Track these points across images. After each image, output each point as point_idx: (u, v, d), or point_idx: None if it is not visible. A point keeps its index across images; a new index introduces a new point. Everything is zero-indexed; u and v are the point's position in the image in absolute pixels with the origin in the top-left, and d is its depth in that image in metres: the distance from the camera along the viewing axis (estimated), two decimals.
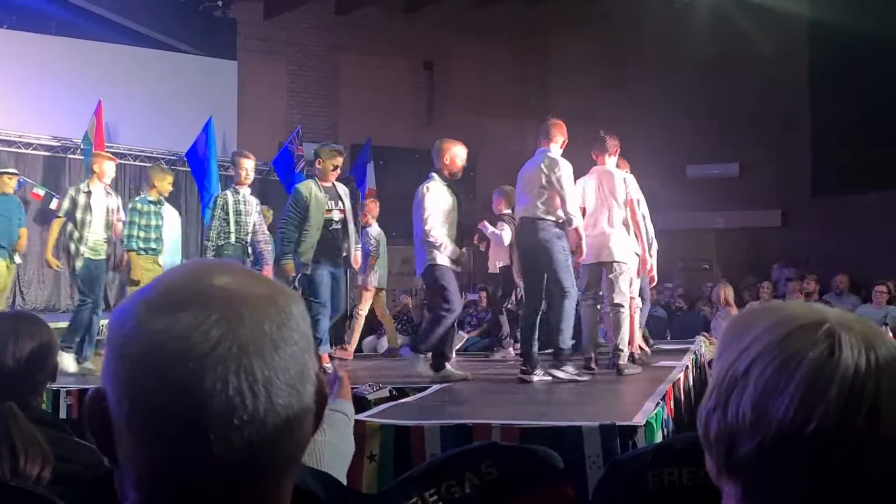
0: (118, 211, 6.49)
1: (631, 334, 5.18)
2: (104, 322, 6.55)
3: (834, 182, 12.13)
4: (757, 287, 10.18)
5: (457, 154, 5.33)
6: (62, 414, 4.49)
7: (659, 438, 3.08)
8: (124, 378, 0.64)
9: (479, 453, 1.78)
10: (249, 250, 6.25)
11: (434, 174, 5.28)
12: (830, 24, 11.69)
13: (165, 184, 6.64)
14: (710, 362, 6.85)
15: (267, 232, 6.49)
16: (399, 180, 10.80)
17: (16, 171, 7.17)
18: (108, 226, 6.36)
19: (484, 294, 9.88)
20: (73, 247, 6.20)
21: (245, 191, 6.25)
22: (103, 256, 6.38)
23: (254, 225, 6.22)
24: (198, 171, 10.69)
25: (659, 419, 3.20)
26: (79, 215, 6.23)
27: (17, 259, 7.26)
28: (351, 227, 5.89)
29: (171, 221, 7.70)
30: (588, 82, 13.30)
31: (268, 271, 6.08)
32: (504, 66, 14.04)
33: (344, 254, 5.78)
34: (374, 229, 7.98)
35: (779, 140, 12.70)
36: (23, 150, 10.60)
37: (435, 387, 4.42)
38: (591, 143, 5.50)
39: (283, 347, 0.65)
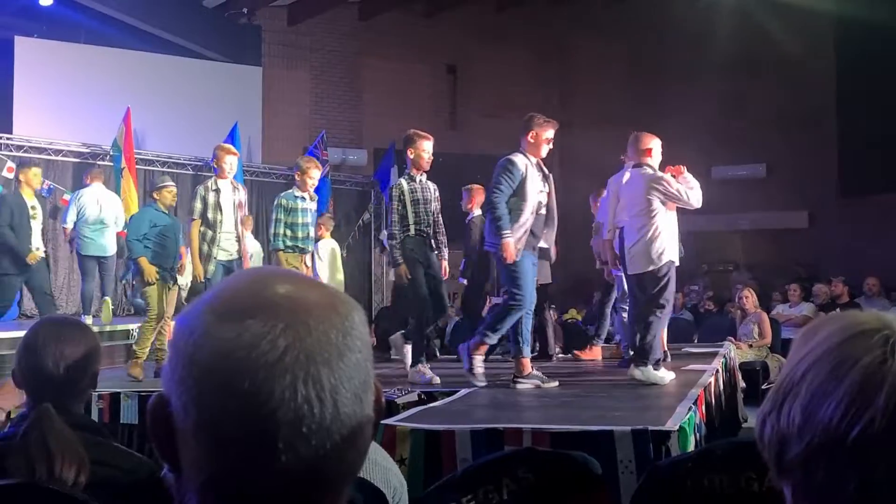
0: (244, 206, 6.12)
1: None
2: None
3: (861, 182, 11.97)
4: (784, 289, 10.06)
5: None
6: (93, 418, 4.54)
7: (692, 444, 3.06)
8: (191, 385, 0.64)
9: (517, 459, 1.79)
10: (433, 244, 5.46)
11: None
12: (857, 21, 11.54)
13: (312, 171, 5.95)
14: (738, 366, 6.80)
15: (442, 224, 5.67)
16: None
17: (173, 185, 6.67)
18: (238, 223, 5.95)
19: None
20: (205, 249, 5.78)
21: (421, 177, 5.49)
22: (235, 256, 5.94)
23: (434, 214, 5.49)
24: None
25: (692, 424, 3.18)
26: (210, 215, 5.79)
27: (181, 280, 6.75)
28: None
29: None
30: (610, 85, 13.26)
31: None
32: (526, 70, 14.03)
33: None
34: None
35: (805, 140, 12.55)
36: (53, 157, 10.76)
37: (463, 391, 4.42)
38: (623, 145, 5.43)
39: (348, 356, 0.65)
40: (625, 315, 5.83)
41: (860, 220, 11.92)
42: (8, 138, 10.28)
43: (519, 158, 4.95)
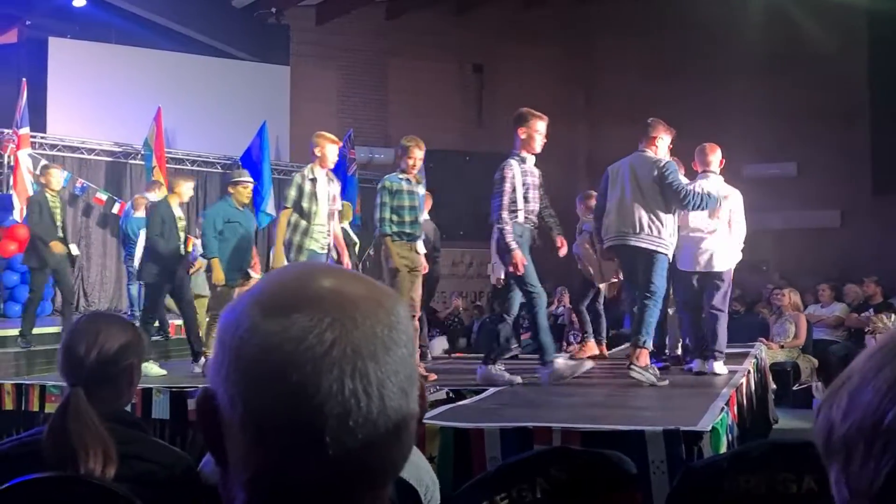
0: (337, 199, 5.82)
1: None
2: None
3: (895, 181, 11.76)
4: (816, 289, 9.92)
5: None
6: None
7: (724, 444, 3.03)
8: (239, 380, 0.64)
9: (550, 458, 1.78)
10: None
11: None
12: (891, 17, 11.33)
13: (415, 150, 5.46)
14: (770, 367, 6.72)
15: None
16: (449, 182, 10.83)
17: (251, 180, 6.50)
18: (331, 215, 5.67)
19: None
20: (297, 240, 5.51)
21: (530, 159, 5.21)
22: (327, 250, 5.69)
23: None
24: (252, 174, 10.86)
25: (724, 425, 3.15)
26: (305, 205, 5.51)
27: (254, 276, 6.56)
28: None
29: None
30: (637, 83, 13.15)
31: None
32: (553, 68, 13.98)
33: None
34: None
35: (837, 138, 12.37)
36: (86, 156, 10.94)
37: (492, 389, 4.42)
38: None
39: (394, 350, 0.66)
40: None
41: (893, 219, 11.72)
42: (42, 137, 10.46)
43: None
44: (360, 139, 12.41)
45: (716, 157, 5.60)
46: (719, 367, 5.05)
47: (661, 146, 5.10)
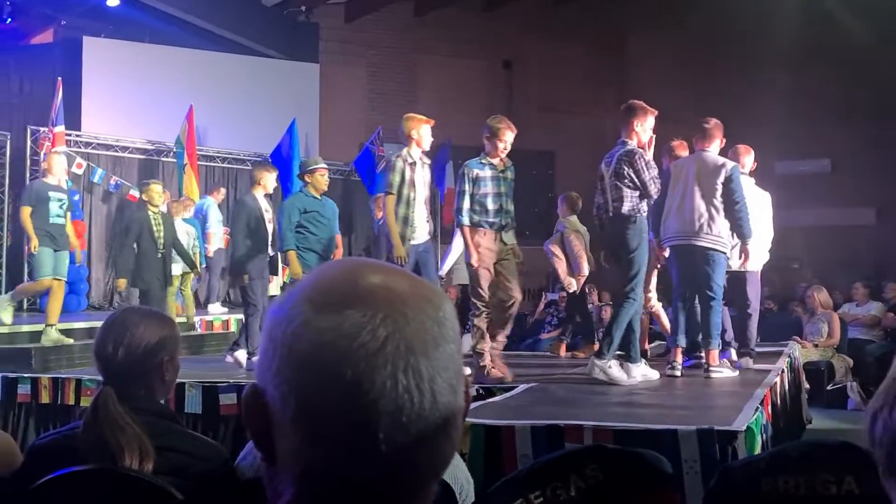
0: (428, 185, 5.42)
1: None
2: None
3: None
4: (849, 288, 9.76)
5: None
6: None
7: (759, 444, 2.99)
8: (291, 376, 0.64)
9: (585, 456, 1.76)
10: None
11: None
12: None
13: (506, 133, 5.11)
14: (804, 366, 6.62)
15: None
16: None
17: (326, 167, 6.14)
18: (426, 202, 5.33)
19: (564, 294, 9.77)
20: (398, 230, 5.14)
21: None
22: (427, 238, 5.33)
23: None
24: (282, 171, 10.94)
25: (758, 424, 3.11)
26: (405, 191, 5.12)
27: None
28: None
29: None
30: (668, 79, 13.01)
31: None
32: (582, 65, 13.89)
33: None
34: None
35: (873, 134, 12.15)
36: (119, 154, 11.10)
37: (522, 386, 4.41)
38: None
39: (443, 345, 0.66)
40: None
41: None
42: (77, 135, 10.63)
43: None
44: (388, 136, 12.41)
45: (749, 158, 5.70)
46: (747, 362, 5.22)
47: (715, 148, 5.11)
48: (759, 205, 5.46)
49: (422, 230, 5.20)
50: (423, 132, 5.19)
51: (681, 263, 4.98)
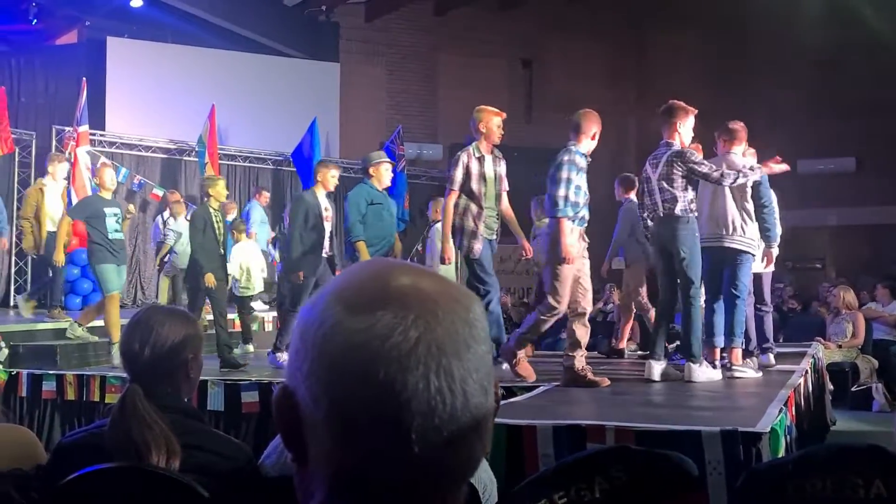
0: (504, 179, 5.22)
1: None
2: None
3: None
4: (874, 288, 9.63)
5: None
6: None
7: (783, 446, 2.96)
8: (323, 377, 0.65)
9: (610, 457, 1.76)
10: None
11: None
12: None
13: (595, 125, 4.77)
14: (827, 367, 6.55)
15: None
16: None
17: (390, 161, 6.08)
18: (499, 197, 5.15)
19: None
20: (470, 225, 4.98)
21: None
22: (496, 235, 5.16)
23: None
24: (303, 171, 11.01)
25: (783, 426, 3.08)
26: (474, 186, 4.98)
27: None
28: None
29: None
30: (689, 77, 12.92)
31: None
32: (603, 63, 13.83)
33: None
34: None
35: None
36: (142, 153, 11.21)
37: (543, 386, 4.40)
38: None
39: (474, 347, 0.66)
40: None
41: None
42: (101, 135, 10.75)
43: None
44: (408, 135, 12.46)
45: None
46: (769, 358, 5.29)
47: (740, 150, 5.13)
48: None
49: (493, 226, 5.08)
50: (493, 125, 5.03)
51: (712, 263, 4.95)
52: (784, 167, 4.93)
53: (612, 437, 3.05)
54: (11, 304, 9.75)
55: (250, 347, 7.30)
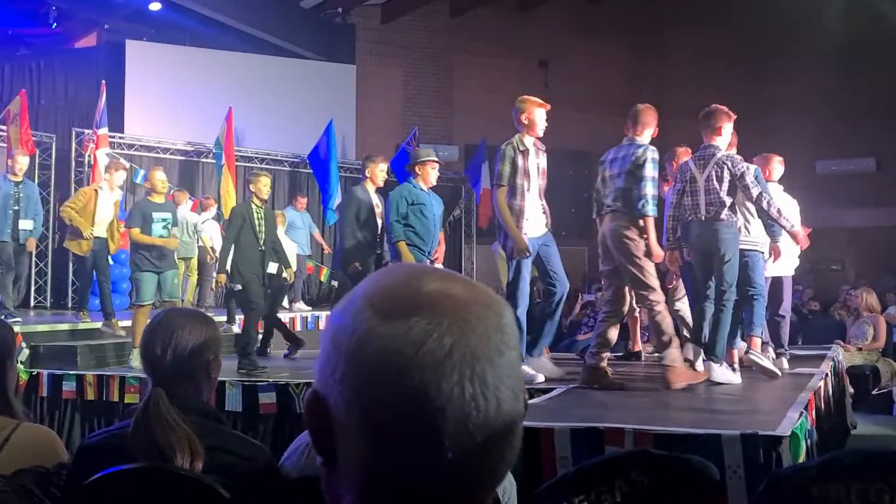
0: (546, 174, 4.99)
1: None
2: None
3: None
4: (894, 290, 9.54)
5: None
6: None
7: (804, 450, 2.94)
8: (357, 383, 0.65)
9: (631, 460, 1.75)
10: None
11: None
12: None
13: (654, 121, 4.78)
14: (847, 370, 6.50)
15: None
16: None
17: (438, 161, 5.85)
18: (541, 192, 4.91)
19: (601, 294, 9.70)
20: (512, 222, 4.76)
21: None
22: (545, 231, 4.95)
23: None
24: (319, 172, 11.04)
25: (803, 430, 3.05)
26: (518, 181, 4.77)
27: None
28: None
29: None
30: (707, 77, 12.86)
31: None
32: (619, 64, 13.78)
33: None
34: None
35: None
36: (161, 155, 11.28)
37: (560, 388, 4.39)
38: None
39: (506, 353, 0.66)
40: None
41: None
42: (120, 137, 10.83)
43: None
44: (424, 137, 12.48)
45: (779, 166, 5.72)
46: (781, 363, 5.26)
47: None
48: (788, 211, 5.43)
49: (537, 222, 4.84)
50: (537, 116, 4.81)
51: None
52: (805, 242, 4.99)
53: (630, 439, 3.04)
54: (31, 304, 9.85)
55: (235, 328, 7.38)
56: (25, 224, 7.26)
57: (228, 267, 6.15)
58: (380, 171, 6.01)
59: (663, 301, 4.48)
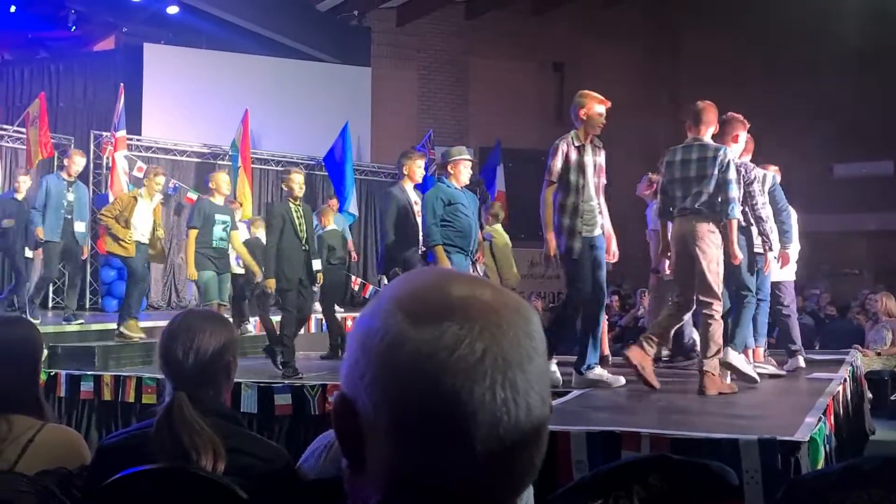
0: (603, 171, 4.80)
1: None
2: None
3: None
4: None
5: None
6: None
7: (822, 456, 2.91)
8: (387, 387, 0.65)
9: (649, 465, 1.75)
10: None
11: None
12: None
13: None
14: (866, 375, 6.43)
15: None
16: (528, 182, 10.76)
17: (470, 158, 5.69)
18: (598, 190, 4.73)
19: (616, 297, 9.68)
20: (567, 223, 4.58)
21: None
22: (601, 233, 4.77)
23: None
24: (335, 175, 11.08)
25: (822, 435, 3.02)
26: (572, 178, 4.57)
27: (479, 269, 5.98)
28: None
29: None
30: (723, 80, 12.78)
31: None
32: (634, 66, 13.74)
33: None
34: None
35: None
36: (178, 157, 11.36)
37: (576, 392, 4.37)
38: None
39: (535, 358, 0.66)
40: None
41: None
42: (138, 139, 10.91)
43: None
44: (439, 139, 12.48)
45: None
46: (797, 361, 5.37)
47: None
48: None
49: (592, 222, 4.65)
50: (595, 112, 4.63)
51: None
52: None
53: (647, 444, 3.02)
54: (50, 305, 9.93)
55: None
56: (80, 226, 7.22)
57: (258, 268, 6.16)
58: (418, 168, 5.86)
59: (721, 311, 4.45)
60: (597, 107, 4.65)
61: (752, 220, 4.88)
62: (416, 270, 0.75)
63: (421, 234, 5.56)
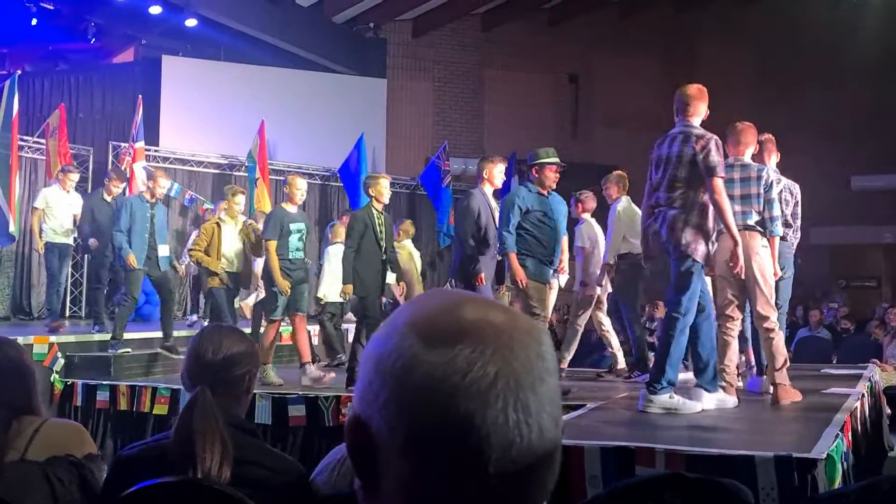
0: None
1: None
2: None
3: None
4: None
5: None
6: None
7: (840, 474, 2.88)
8: (401, 410, 0.65)
9: (664, 482, 1.74)
10: None
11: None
12: None
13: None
14: (885, 390, 6.35)
15: None
16: None
17: (557, 160, 5.45)
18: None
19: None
20: (708, 226, 4.29)
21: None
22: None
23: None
24: (350, 186, 11.12)
25: (839, 452, 2.99)
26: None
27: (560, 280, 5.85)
28: None
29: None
30: (739, 92, 12.75)
31: None
32: (650, 78, 13.71)
33: None
34: None
35: None
36: (195, 168, 11.45)
37: (590, 405, 4.36)
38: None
39: (547, 380, 0.67)
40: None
41: None
42: (155, 150, 11.01)
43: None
44: (454, 151, 12.51)
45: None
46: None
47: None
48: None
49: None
50: (699, 107, 4.50)
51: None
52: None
53: (661, 460, 3.01)
54: (67, 314, 10.01)
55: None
56: (164, 250, 6.79)
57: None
58: (498, 172, 5.61)
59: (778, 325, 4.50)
60: (701, 105, 4.56)
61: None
62: (430, 292, 0.75)
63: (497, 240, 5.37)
